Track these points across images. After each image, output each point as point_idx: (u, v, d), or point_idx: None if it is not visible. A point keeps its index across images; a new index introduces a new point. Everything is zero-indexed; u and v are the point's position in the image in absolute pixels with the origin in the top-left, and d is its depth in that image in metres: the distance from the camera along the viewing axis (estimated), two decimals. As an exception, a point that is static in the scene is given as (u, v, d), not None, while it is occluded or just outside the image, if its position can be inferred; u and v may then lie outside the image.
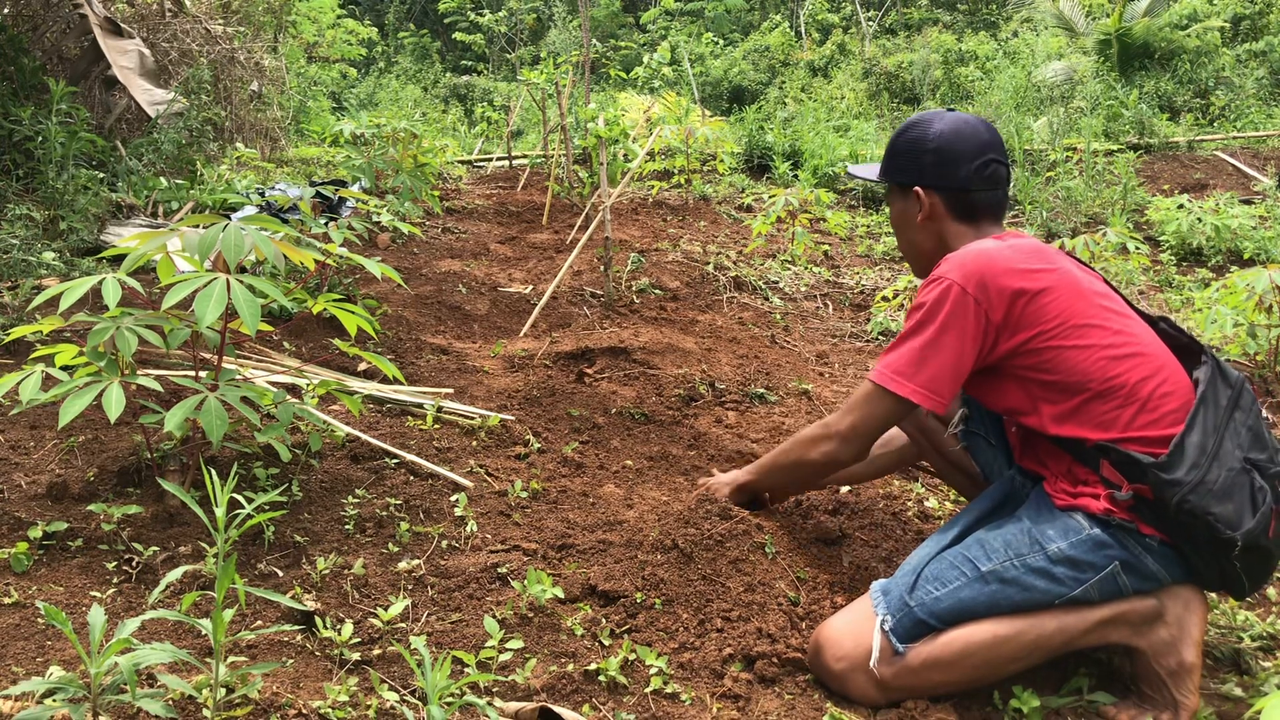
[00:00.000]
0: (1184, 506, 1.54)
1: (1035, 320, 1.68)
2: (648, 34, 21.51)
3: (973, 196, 1.86)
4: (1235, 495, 1.55)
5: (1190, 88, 11.72)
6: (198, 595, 1.76)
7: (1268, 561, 1.59)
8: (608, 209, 4.15)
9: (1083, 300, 1.70)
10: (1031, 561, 1.62)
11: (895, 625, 1.64)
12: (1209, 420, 1.61)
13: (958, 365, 1.70)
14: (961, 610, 1.62)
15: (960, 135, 1.86)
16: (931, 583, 1.66)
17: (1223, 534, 1.52)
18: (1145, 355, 1.68)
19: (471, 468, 2.49)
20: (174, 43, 7.32)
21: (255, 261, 3.50)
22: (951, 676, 1.62)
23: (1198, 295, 4.39)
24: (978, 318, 1.68)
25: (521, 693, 1.60)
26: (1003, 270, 1.69)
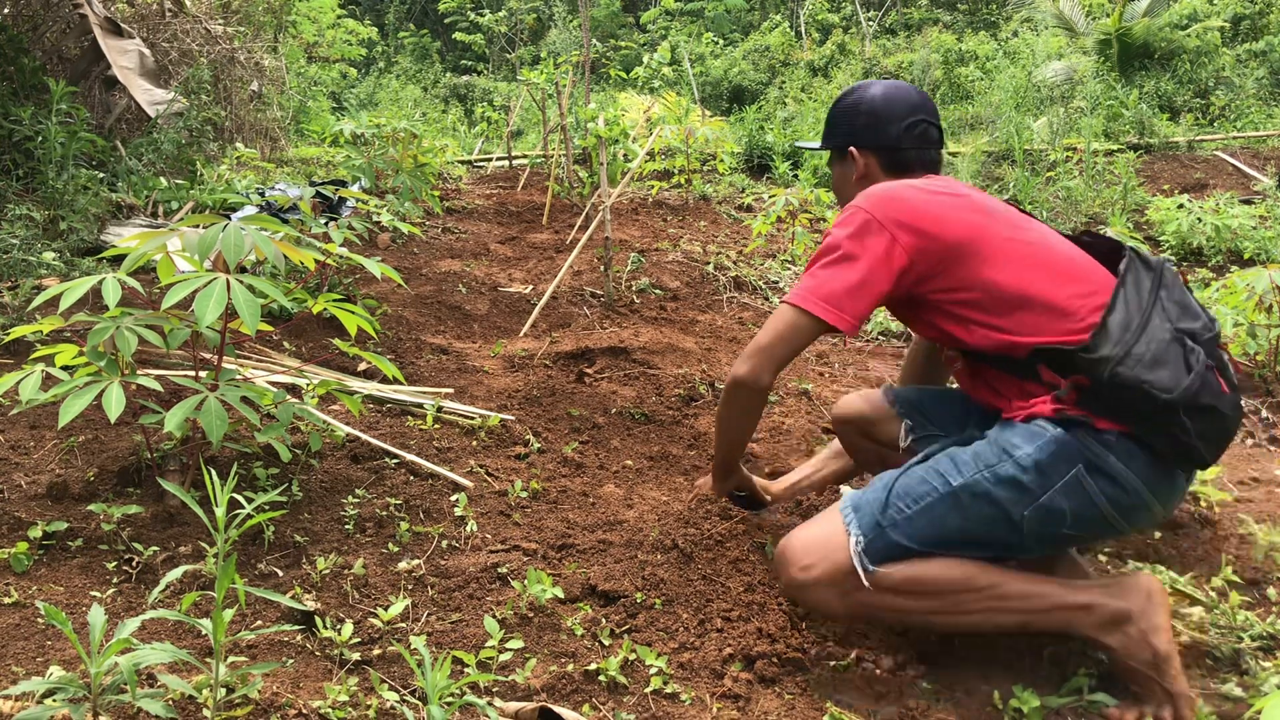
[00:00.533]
0: (1115, 380, 1.55)
1: (946, 243, 1.72)
2: (648, 34, 21.51)
3: (903, 154, 1.95)
4: (1168, 362, 1.55)
5: (1190, 88, 11.71)
6: (198, 595, 1.76)
7: (1221, 423, 1.58)
8: (608, 209, 4.15)
9: (992, 219, 1.75)
10: (1001, 471, 1.61)
11: (867, 545, 1.64)
12: (1131, 301, 1.64)
13: (863, 285, 1.73)
14: (932, 526, 1.62)
15: (891, 98, 1.97)
16: (902, 499, 1.65)
17: (1159, 398, 1.52)
18: (1061, 263, 1.72)
19: (471, 468, 2.49)
20: (174, 43, 7.32)
21: (255, 261, 3.50)
22: (912, 605, 1.64)
23: (1198, 295, 4.39)
24: (883, 240, 1.73)
25: (521, 693, 1.60)
26: (910, 196, 1.77)
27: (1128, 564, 2.14)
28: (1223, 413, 1.57)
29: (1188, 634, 1.87)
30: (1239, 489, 2.62)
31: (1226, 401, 1.58)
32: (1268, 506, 2.50)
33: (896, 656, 1.74)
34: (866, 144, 1.97)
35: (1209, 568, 2.14)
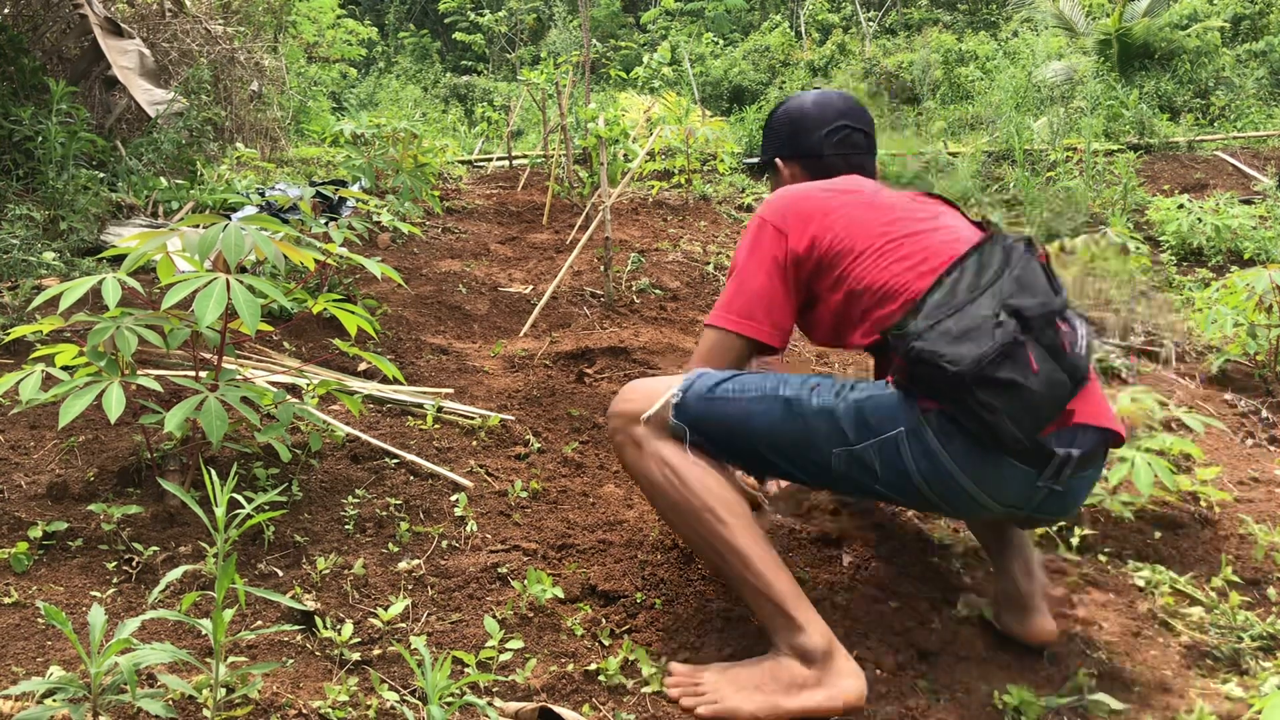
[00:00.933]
0: (911, 354, 1.51)
1: (821, 238, 1.73)
2: (648, 34, 21.51)
3: (826, 161, 1.95)
4: (974, 338, 1.48)
5: (1190, 88, 11.72)
6: (198, 595, 1.76)
7: (1026, 400, 1.47)
8: (608, 209, 4.15)
9: (870, 211, 1.75)
10: (826, 402, 1.59)
11: (681, 401, 1.65)
12: (964, 282, 1.58)
13: (769, 293, 1.75)
14: (743, 420, 1.62)
15: (813, 105, 1.97)
16: (736, 384, 1.66)
17: (947, 371, 1.46)
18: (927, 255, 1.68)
19: (471, 468, 2.49)
20: (174, 43, 7.32)
21: (255, 261, 3.50)
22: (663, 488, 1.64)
23: (1198, 295, 4.39)
24: (778, 244, 1.75)
25: (521, 693, 1.60)
26: (802, 198, 1.78)
27: (1128, 564, 2.15)
28: (1027, 389, 1.46)
29: (1187, 634, 1.87)
30: (1239, 489, 2.62)
31: (1036, 379, 1.47)
32: (1268, 506, 2.50)
33: (897, 656, 1.74)
34: (789, 153, 1.99)
35: (1209, 568, 2.14)
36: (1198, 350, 3.98)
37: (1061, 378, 1.49)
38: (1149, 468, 2.14)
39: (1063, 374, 1.49)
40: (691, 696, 1.57)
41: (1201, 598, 2.00)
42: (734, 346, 1.78)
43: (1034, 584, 1.79)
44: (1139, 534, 2.27)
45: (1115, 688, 1.70)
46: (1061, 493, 1.57)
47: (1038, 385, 1.47)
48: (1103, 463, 1.64)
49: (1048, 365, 1.48)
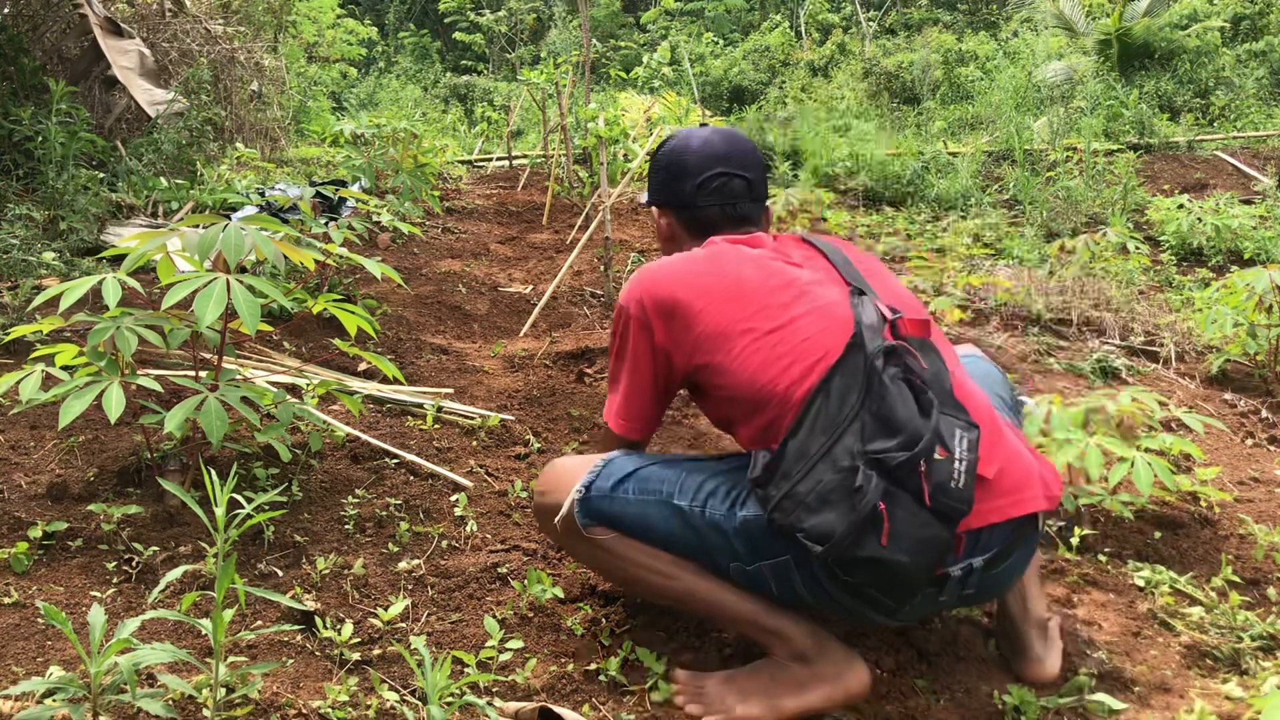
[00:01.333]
0: (773, 524, 1.43)
1: (687, 335, 1.62)
2: (648, 34, 21.51)
3: (699, 212, 1.80)
4: (834, 502, 1.37)
5: (1190, 88, 11.72)
6: (198, 595, 1.76)
7: (890, 573, 1.38)
8: (608, 209, 4.15)
9: (739, 302, 1.59)
10: (717, 518, 1.53)
11: (584, 498, 1.63)
12: (825, 415, 1.44)
13: (641, 388, 1.70)
14: (642, 525, 1.59)
15: (689, 150, 1.81)
16: (640, 483, 1.61)
17: (812, 549, 1.37)
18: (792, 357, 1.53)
19: (471, 468, 2.49)
20: (174, 43, 7.32)
21: (255, 261, 3.50)
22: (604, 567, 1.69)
23: (1198, 295, 4.39)
24: (642, 336, 1.67)
25: (521, 693, 1.60)
26: (663, 281, 1.65)
27: (1127, 564, 2.15)
28: (893, 563, 1.36)
29: (1188, 634, 1.87)
30: (1239, 489, 2.62)
31: (904, 548, 1.36)
32: (1268, 506, 2.50)
33: (897, 656, 1.74)
34: (664, 202, 1.85)
35: (1209, 568, 2.14)
36: (1198, 350, 3.98)
37: (935, 534, 1.38)
38: (1149, 468, 2.14)
39: (937, 528, 1.38)
40: (697, 704, 1.56)
41: (1201, 598, 2.00)
42: (617, 441, 1.77)
43: (1029, 621, 1.73)
44: (1139, 534, 2.27)
45: (1115, 688, 1.70)
46: (976, 593, 1.53)
47: (907, 555, 1.36)
48: (1030, 541, 1.57)
49: (917, 523, 1.37)
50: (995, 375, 1.95)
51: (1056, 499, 1.57)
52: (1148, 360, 3.90)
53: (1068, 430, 2.29)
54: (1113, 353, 3.89)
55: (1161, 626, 1.91)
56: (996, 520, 1.49)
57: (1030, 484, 1.54)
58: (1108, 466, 2.26)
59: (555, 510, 1.67)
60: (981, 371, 1.93)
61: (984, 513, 1.48)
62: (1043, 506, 1.54)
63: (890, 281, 1.72)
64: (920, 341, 1.53)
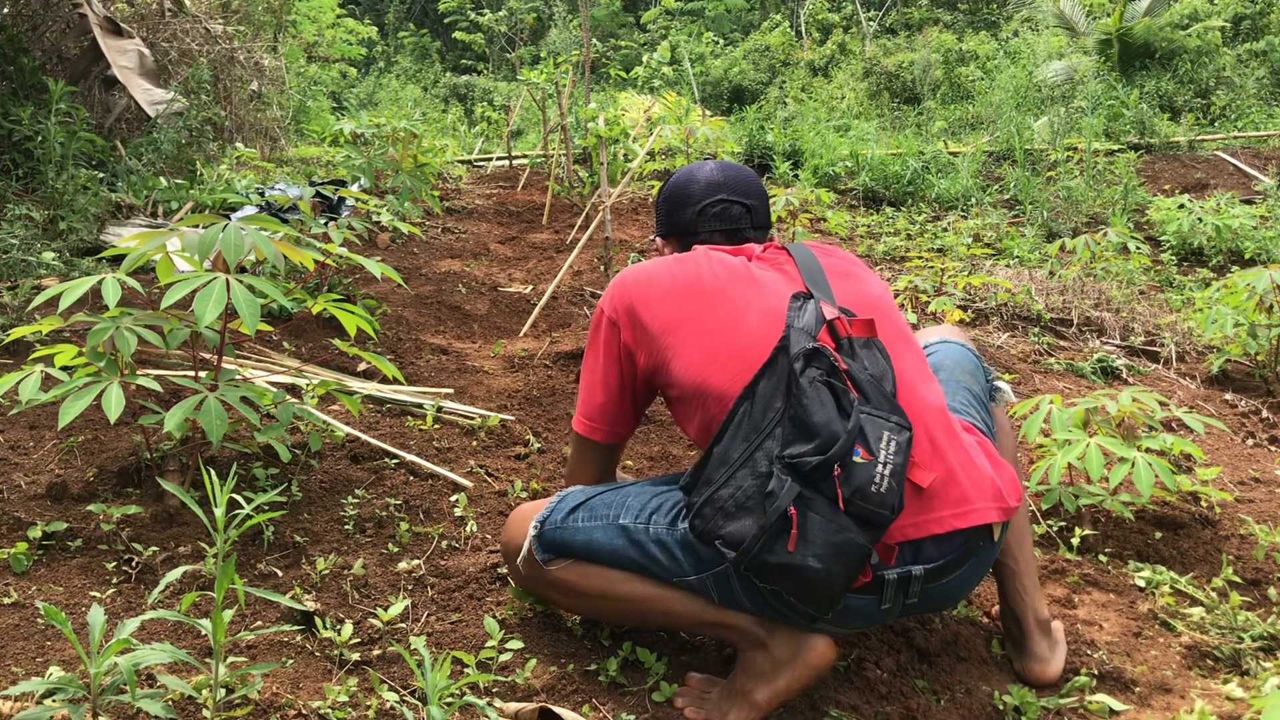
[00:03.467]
0: (694, 531, 1.44)
1: (646, 333, 1.63)
2: (648, 33, 21.51)
3: (700, 239, 1.79)
4: (751, 508, 1.37)
5: (1191, 87, 11.72)
6: (197, 595, 1.76)
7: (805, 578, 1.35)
8: (608, 209, 4.15)
9: (692, 301, 1.60)
10: (659, 532, 1.55)
11: (539, 534, 1.66)
12: (749, 420, 1.44)
13: (606, 391, 1.71)
14: (591, 549, 1.61)
15: (692, 180, 1.82)
16: (588, 511, 1.65)
17: (728, 555, 1.38)
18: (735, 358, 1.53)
19: (471, 468, 2.49)
20: (174, 42, 7.31)
21: (255, 261, 3.50)
22: (565, 601, 1.70)
23: (1198, 295, 4.39)
24: (610, 336, 1.68)
25: (521, 693, 1.60)
26: (632, 283, 1.67)
27: (1128, 564, 2.15)
28: (806, 568, 1.34)
29: (1188, 634, 1.87)
30: (1239, 489, 2.62)
31: (816, 553, 1.33)
32: (1268, 506, 2.50)
33: (898, 657, 1.73)
34: (667, 232, 1.86)
35: (1209, 568, 2.14)
36: (1198, 350, 3.97)
37: (849, 539, 1.34)
38: (1149, 468, 2.14)
39: (853, 533, 1.34)
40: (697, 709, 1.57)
41: (1202, 598, 2.00)
42: (591, 447, 1.78)
43: (1032, 623, 1.73)
44: (1139, 534, 2.27)
45: (1116, 688, 1.70)
46: (921, 602, 1.50)
47: (818, 561, 1.33)
48: (985, 553, 1.54)
49: (830, 528, 1.34)
50: (967, 364, 1.88)
51: (1012, 510, 1.53)
52: (1148, 360, 3.90)
53: (1068, 430, 2.29)
54: (1113, 353, 3.89)
55: (1162, 627, 1.91)
56: (938, 531, 1.46)
57: (981, 494, 1.51)
58: (1108, 467, 2.26)
59: (515, 553, 1.72)
60: (953, 359, 1.87)
61: (923, 524, 1.46)
62: (993, 519, 1.50)
63: (858, 283, 1.68)
64: (865, 341, 1.50)
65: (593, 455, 1.80)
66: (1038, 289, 4.61)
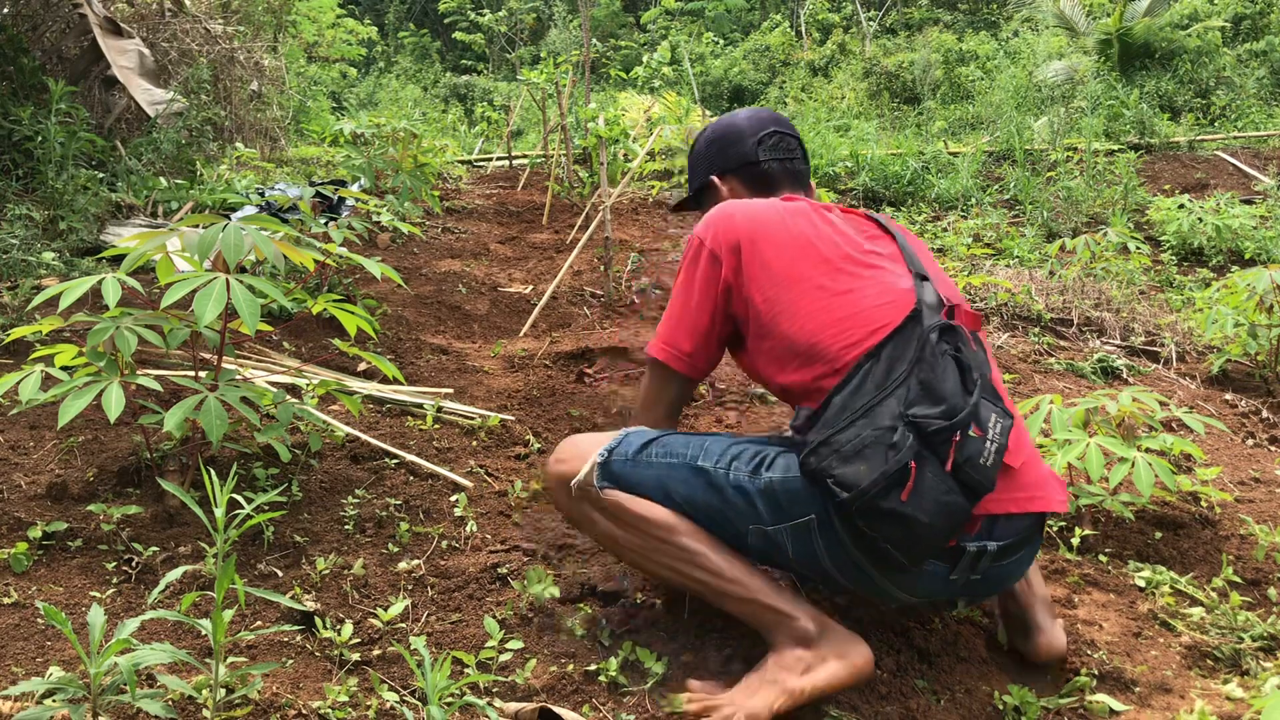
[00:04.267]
0: (806, 468, 1.48)
1: (754, 281, 1.65)
2: (648, 34, 21.51)
3: (763, 166, 1.88)
4: (868, 456, 1.43)
5: (1191, 87, 11.72)
6: (197, 595, 1.76)
7: (910, 530, 1.43)
8: (608, 209, 4.15)
9: (812, 260, 1.64)
10: (742, 479, 1.56)
11: (606, 461, 1.63)
12: (873, 378, 1.50)
13: (695, 318, 1.70)
14: (663, 486, 1.60)
15: (736, 119, 1.93)
16: (662, 447, 1.64)
17: (838, 495, 1.43)
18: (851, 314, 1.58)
19: (471, 468, 2.49)
20: (174, 43, 7.31)
21: (255, 261, 3.50)
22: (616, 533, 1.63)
23: (1198, 295, 4.39)
24: (709, 271, 1.69)
25: (521, 693, 1.60)
26: (738, 215, 1.70)
27: (1128, 564, 2.15)
28: (914, 520, 1.41)
29: (1188, 634, 1.87)
30: (1239, 489, 2.62)
31: (926, 508, 1.41)
32: (1268, 506, 2.50)
33: (898, 657, 1.73)
34: (726, 167, 1.91)
35: (1209, 568, 2.14)
36: (1198, 350, 3.97)
37: (956, 501, 1.42)
38: (1149, 468, 2.14)
39: (958, 496, 1.43)
40: (711, 710, 1.55)
41: (1202, 598, 2.00)
42: (668, 377, 1.76)
43: (1034, 596, 1.76)
44: (1139, 534, 2.27)
45: (1115, 688, 1.70)
46: (982, 580, 1.55)
47: (926, 515, 1.41)
48: (1036, 541, 1.61)
49: (942, 488, 1.41)
50: None
51: (1065, 505, 1.62)
52: (1148, 360, 3.90)
53: (1068, 430, 2.29)
54: (1113, 353, 3.89)
55: (1162, 627, 1.91)
56: (1015, 511, 1.54)
57: (1048, 485, 1.60)
58: (1108, 467, 2.26)
59: (570, 478, 1.67)
60: None
61: (1004, 501, 1.53)
62: (1057, 508, 1.59)
63: (944, 275, 1.78)
64: (971, 333, 1.60)
65: (670, 387, 1.77)
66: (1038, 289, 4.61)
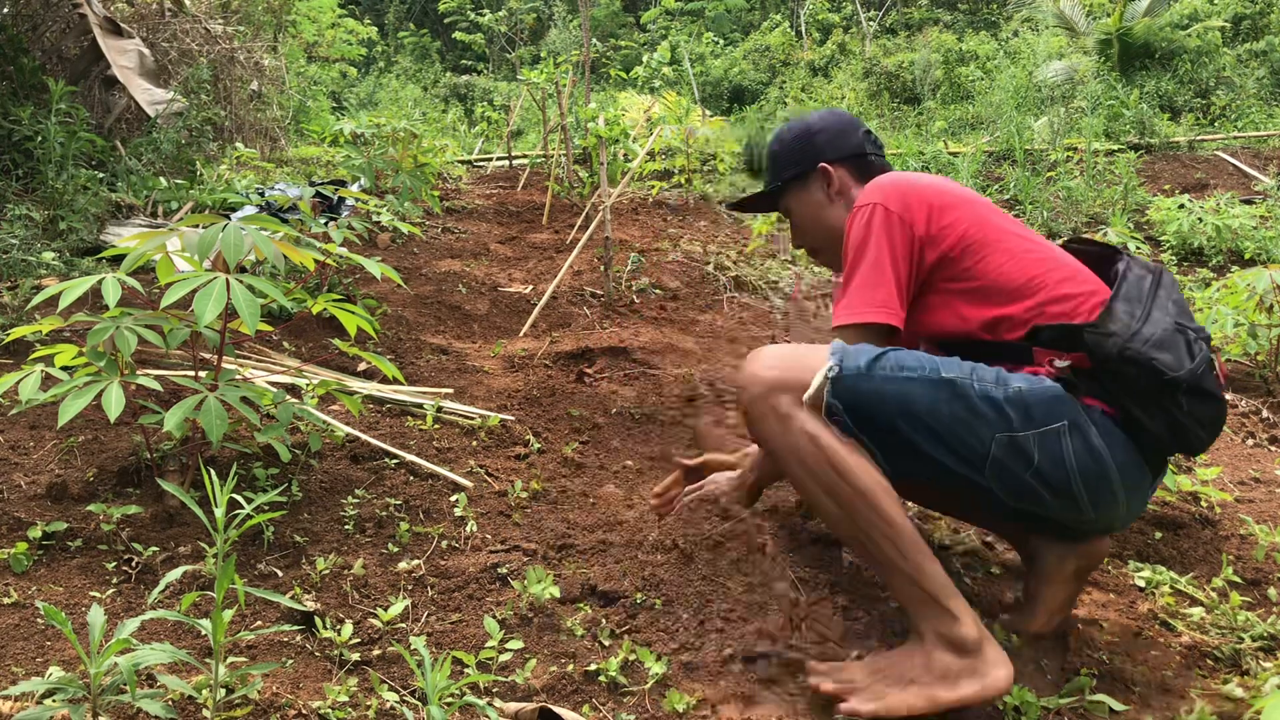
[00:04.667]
0: (1126, 354, 1.53)
1: (952, 229, 1.74)
2: (648, 33, 21.51)
3: (869, 160, 1.99)
4: (1173, 347, 1.55)
5: (1191, 87, 11.72)
6: (197, 595, 1.76)
7: (1216, 408, 1.57)
8: (608, 209, 4.15)
9: (992, 213, 1.80)
10: (990, 390, 1.58)
11: (840, 376, 1.58)
12: (1133, 293, 1.64)
13: (899, 279, 1.75)
14: (907, 397, 1.57)
15: (834, 114, 2.06)
16: (893, 361, 1.61)
17: (1167, 375, 1.51)
18: (1057, 260, 1.75)
19: (471, 468, 2.49)
20: (174, 42, 7.31)
21: (255, 261, 3.49)
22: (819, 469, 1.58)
23: (1198, 295, 4.39)
24: (903, 230, 1.75)
25: (521, 693, 1.60)
26: (916, 184, 1.79)
27: (1128, 564, 2.14)
28: (1219, 401, 1.58)
29: (1188, 634, 1.87)
30: (1239, 489, 2.62)
31: (1221, 394, 1.59)
32: (1268, 506, 2.50)
33: (897, 657, 1.73)
34: (836, 157, 1.98)
35: (1209, 568, 2.14)
36: (1198, 350, 3.97)
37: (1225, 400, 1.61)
38: (1149, 468, 2.14)
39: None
40: (849, 692, 1.53)
41: (1202, 598, 2.00)
42: (877, 335, 1.74)
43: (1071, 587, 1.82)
44: (1140, 534, 2.27)
45: (1115, 688, 1.70)
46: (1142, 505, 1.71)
47: (1220, 396, 1.58)
48: None
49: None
50: None
51: None
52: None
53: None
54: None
55: (1162, 627, 1.91)
56: None
57: None
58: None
59: (777, 385, 1.61)
60: None
61: None
62: None
63: None
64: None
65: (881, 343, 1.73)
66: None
